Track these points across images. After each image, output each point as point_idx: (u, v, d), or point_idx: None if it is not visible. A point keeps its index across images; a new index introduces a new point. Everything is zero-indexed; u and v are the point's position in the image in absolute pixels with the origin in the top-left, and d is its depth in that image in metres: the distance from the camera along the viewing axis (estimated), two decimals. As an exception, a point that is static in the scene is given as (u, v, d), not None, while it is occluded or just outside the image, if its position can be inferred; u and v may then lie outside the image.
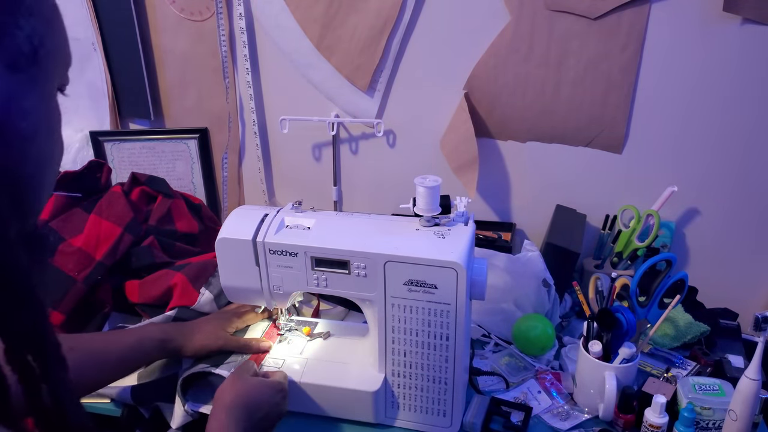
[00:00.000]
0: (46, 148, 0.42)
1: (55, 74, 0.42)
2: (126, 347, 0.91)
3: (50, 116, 0.42)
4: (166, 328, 0.98)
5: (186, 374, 0.94)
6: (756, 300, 1.31)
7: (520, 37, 1.24)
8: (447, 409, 0.94)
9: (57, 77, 0.42)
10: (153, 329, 0.97)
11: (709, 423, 0.91)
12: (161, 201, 1.23)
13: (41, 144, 0.41)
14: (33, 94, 0.39)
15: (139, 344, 0.92)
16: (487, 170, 1.36)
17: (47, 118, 0.42)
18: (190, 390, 0.97)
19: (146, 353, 0.93)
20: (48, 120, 0.42)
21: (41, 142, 0.41)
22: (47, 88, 0.41)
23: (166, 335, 0.95)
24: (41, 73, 0.40)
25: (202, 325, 0.99)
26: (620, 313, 0.97)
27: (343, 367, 0.97)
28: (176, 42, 1.41)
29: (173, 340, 0.95)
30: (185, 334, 0.96)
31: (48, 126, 0.42)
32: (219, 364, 0.95)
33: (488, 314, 1.15)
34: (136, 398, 0.98)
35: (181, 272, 1.08)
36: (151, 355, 0.94)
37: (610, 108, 1.26)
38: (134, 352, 0.91)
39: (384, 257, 0.86)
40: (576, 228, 1.29)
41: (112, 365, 0.89)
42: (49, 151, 0.42)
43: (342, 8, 1.29)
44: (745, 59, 1.16)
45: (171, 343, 0.94)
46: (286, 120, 1.40)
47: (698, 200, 1.29)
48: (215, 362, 0.95)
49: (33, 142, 0.40)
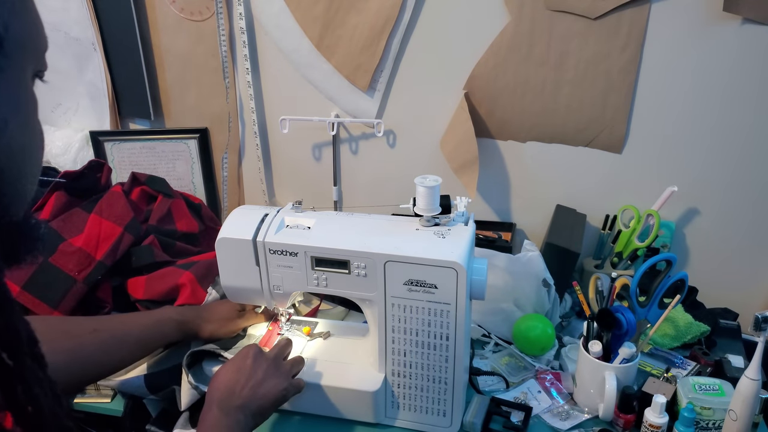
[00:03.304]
0: (21, 138, 0.40)
1: (27, 62, 0.41)
2: (144, 328, 0.93)
3: (23, 105, 0.41)
4: (183, 310, 1.00)
5: (195, 350, 0.97)
6: (756, 300, 1.31)
7: (520, 37, 1.24)
8: (447, 409, 0.94)
9: (30, 64, 0.41)
10: (170, 311, 0.99)
11: (709, 423, 0.91)
12: (161, 201, 1.23)
13: (14, 134, 0.39)
14: (2, 83, 0.38)
15: (158, 325, 0.94)
16: (487, 170, 1.36)
17: (19, 108, 0.40)
18: (197, 369, 0.98)
19: (164, 334, 0.95)
20: (20, 109, 0.40)
21: (14, 132, 0.39)
22: (19, 76, 0.40)
23: (183, 317, 0.97)
24: (10, 62, 0.39)
25: (218, 307, 1.03)
26: (620, 313, 0.97)
27: (343, 367, 0.97)
28: (176, 42, 1.41)
29: (190, 321, 0.98)
30: (202, 316, 0.99)
31: (21, 115, 0.40)
32: (228, 347, 0.99)
33: (488, 314, 1.15)
34: (151, 386, 0.98)
35: (189, 271, 1.09)
36: (168, 336, 0.96)
37: (610, 108, 1.26)
38: (152, 333, 0.94)
39: (384, 257, 0.86)
40: (576, 228, 1.29)
41: (132, 345, 0.91)
42: (26, 141, 0.41)
43: (342, 8, 1.29)
44: (744, 59, 1.16)
45: (188, 324, 0.97)
46: (286, 120, 1.40)
47: (698, 200, 1.29)
48: (224, 345, 0.99)
49: (4, 133, 0.39)
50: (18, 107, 0.40)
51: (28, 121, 0.42)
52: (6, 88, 0.39)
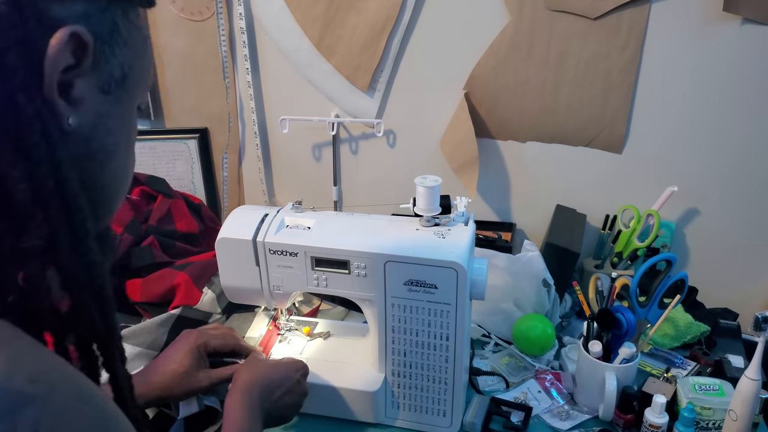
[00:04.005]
0: (123, 161, 0.47)
1: (137, 96, 0.46)
2: None
3: (130, 133, 0.47)
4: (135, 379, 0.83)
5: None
6: (756, 300, 1.31)
7: (520, 37, 1.24)
8: (447, 409, 0.94)
9: (138, 98, 0.47)
10: None
11: (709, 423, 0.91)
12: (161, 201, 1.23)
13: (120, 157, 0.46)
14: (118, 113, 0.44)
15: None
16: (487, 170, 1.36)
17: (126, 135, 0.46)
18: None
19: None
20: (128, 136, 0.47)
21: (120, 156, 0.46)
22: (129, 108, 0.46)
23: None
24: (126, 95, 0.44)
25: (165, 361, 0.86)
26: (620, 313, 0.97)
27: (343, 367, 0.97)
28: (176, 42, 1.41)
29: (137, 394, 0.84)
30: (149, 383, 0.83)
31: (126, 141, 0.47)
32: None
33: (488, 314, 1.15)
34: None
35: (184, 271, 1.08)
36: None
37: (610, 108, 1.26)
38: None
39: (384, 257, 0.86)
40: (576, 228, 1.29)
41: None
42: (128, 164, 0.48)
43: (342, 8, 1.29)
44: (744, 59, 1.16)
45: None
46: (286, 120, 1.40)
47: (698, 200, 1.29)
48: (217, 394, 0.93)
49: (113, 156, 0.45)
50: (127, 134, 0.46)
51: (131, 145, 0.48)
52: (121, 116, 0.44)
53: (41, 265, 0.39)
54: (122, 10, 0.42)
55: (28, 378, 0.34)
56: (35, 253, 0.38)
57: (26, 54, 0.36)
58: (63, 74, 0.38)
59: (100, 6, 0.40)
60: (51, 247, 0.39)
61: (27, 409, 0.33)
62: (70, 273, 0.41)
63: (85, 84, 0.41)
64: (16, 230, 0.38)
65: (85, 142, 0.42)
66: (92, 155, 0.43)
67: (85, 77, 0.40)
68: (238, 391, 0.79)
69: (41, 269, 0.39)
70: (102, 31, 0.41)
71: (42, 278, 0.39)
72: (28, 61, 0.37)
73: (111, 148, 0.44)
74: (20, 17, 0.36)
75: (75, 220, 0.40)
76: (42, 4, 0.37)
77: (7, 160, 0.36)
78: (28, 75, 0.37)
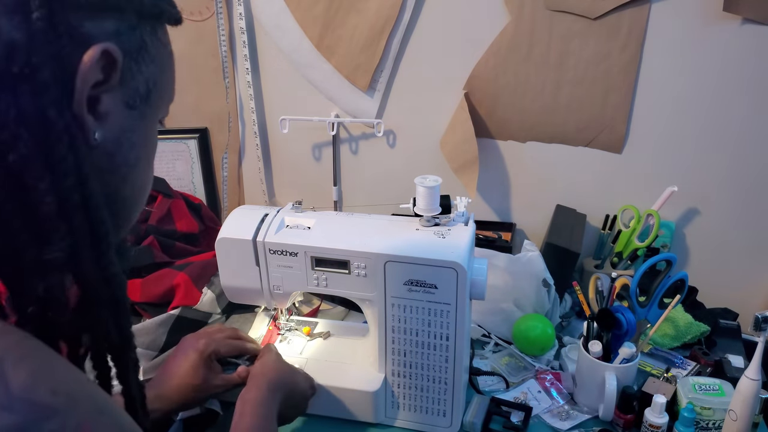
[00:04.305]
0: (144, 174, 0.48)
1: (160, 110, 0.47)
2: None
3: (151, 147, 0.48)
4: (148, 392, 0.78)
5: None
6: (756, 300, 1.31)
7: (520, 37, 1.24)
8: (447, 409, 0.94)
9: (161, 113, 0.48)
10: None
11: (709, 423, 0.91)
12: (161, 201, 1.23)
13: (141, 171, 0.47)
14: (141, 127, 0.45)
15: None
16: (487, 170, 1.36)
17: (149, 149, 0.47)
18: None
19: None
20: (149, 150, 0.48)
21: (141, 169, 0.46)
22: (152, 122, 0.47)
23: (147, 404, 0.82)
24: (150, 110, 0.46)
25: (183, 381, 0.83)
26: (620, 313, 0.97)
27: (343, 367, 0.97)
28: (176, 42, 1.40)
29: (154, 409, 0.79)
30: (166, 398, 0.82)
31: (148, 155, 0.48)
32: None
33: (488, 314, 1.15)
34: None
35: (183, 272, 1.08)
36: None
37: (610, 108, 1.26)
38: None
39: (384, 257, 0.86)
40: (576, 228, 1.29)
41: None
42: (147, 177, 0.48)
43: (342, 8, 1.28)
44: (745, 59, 1.16)
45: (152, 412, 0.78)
46: (286, 120, 1.40)
47: (698, 200, 1.29)
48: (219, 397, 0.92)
49: (135, 169, 0.46)
50: (149, 148, 0.47)
51: (151, 159, 0.49)
52: (144, 131, 0.45)
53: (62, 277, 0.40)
54: (151, 27, 0.44)
55: (51, 390, 0.34)
56: (57, 265, 0.39)
57: (59, 70, 0.37)
58: (92, 90, 0.39)
59: (130, 24, 0.41)
60: (72, 259, 0.39)
61: (50, 421, 0.33)
62: (90, 285, 0.41)
63: (112, 99, 0.41)
64: (39, 242, 0.38)
65: (109, 156, 0.42)
66: (115, 169, 0.43)
67: (111, 92, 0.41)
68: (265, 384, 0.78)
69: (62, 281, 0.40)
70: (131, 48, 0.42)
71: (62, 290, 0.40)
72: (60, 77, 0.37)
73: (133, 162, 0.45)
74: (54, 34, 0.36)
75: (98, 233, 0.40)
76: (75, 21, 0.38)
77: (36, 173, 0.37)
78: (59, 90, 0.37)
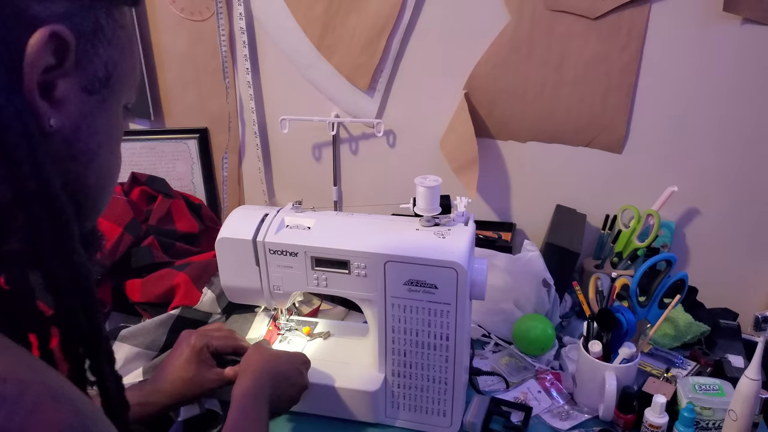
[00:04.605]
0: (108, 161, 0.46)
1: (123, 95, 0.46)
2: None
3: (115, 133, 0.46)
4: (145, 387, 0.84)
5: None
6: (756, 300, 1.31)
7: (520, 37, 1.24)
8: (447, 409, 0.94)
9: (125, 97, 0.46)
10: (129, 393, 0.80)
11: (709, 423, 0.91)
12: (161, 201, 1.23)
13: (104, 158, 0.45)
14: (102, 113, 0.43)
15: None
16: (487, 170, 1.36)
17: (112, 135, 0.46)
18: None
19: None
20: (112, 136, 0.46)
21: (104, 156, 0.45)
22: (115, 107, 0.45)
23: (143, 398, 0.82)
24: (112, 95, 0.44)
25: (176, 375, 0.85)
26: (620, 313, 0.97)
27: (343, 367, 0.97)
28: (176, 42, 1.41)
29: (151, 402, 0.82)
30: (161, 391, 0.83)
31: (111, 141, 0.46)
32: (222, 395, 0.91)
33: (488, 314, 1.15)
34: None
35: (183, 272, 1.08)
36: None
37: (610, 108, 1.26)
38: None
39: (384, 257, 0.86)
40: (576, 228, 1.29)
41: None
42: (112, 164, 0.47)
43: (342, 8, 1.28)
44: (745, 59, 1.16)
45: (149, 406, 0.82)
46: (286, 120, 1.40)
47: (698, 200, 1.29)
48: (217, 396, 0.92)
49: (98, 156, 0.44)
50: (111, 134, 0.45)
51: (116, 146, 0.47)
52: (104, 117, 0.44)
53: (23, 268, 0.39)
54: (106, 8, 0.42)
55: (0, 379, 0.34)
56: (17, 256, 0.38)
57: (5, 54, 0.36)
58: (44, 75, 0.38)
59: (82, 4, 0.40)
60: (34, 250, 0.38)
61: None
62: (55, 275, 0.40)
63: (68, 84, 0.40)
64: None
65: (67, 143, 0.41)
66: (76, 156, 0.42)
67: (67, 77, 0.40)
68: (249, 375, 0.79)
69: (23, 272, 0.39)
70: (85, 30, 0.40)
71: (25, 281, 0.39)
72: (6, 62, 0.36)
73: (95, 149, 0.43)
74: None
75: (58, 222, 0.39)
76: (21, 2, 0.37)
77: None
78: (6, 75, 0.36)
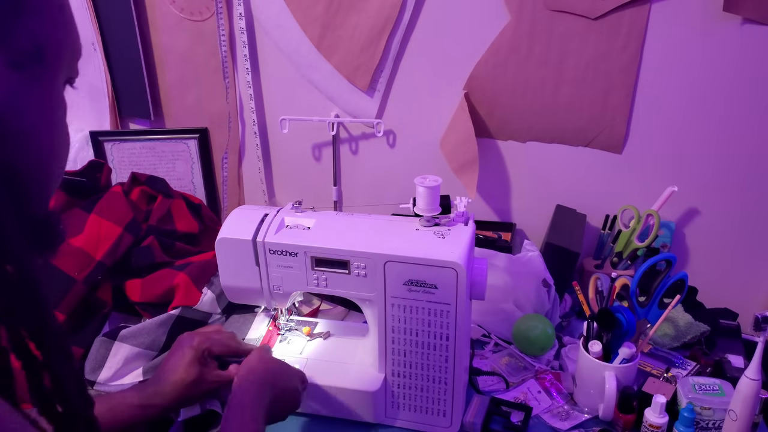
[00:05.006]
0: (49, 141, 0.43)
1: (61, 69, 0.42)
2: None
3: (53, 110, 0.43)
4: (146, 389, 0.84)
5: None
6: (756, 300, 1.31)
7: (520, 37, 1.24)
8: (447, 409, 0.94)
9: (64, 71, 0.43)
10: (130, 394, 0.82)
11: (709, 423, 0.91)
12: (161, 201, 1.23)
13: (43, 137, 0.42)
14: (36, 90, 0.40)
15: (112, 413, 0.78)
16: (487, 170, 1.36)
17: (50, 112, 0.42)
18: None
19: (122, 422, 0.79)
20: (51, 114, 0.42)
21: (43, 135, 0.42)
22: (52, 83, 0.42)
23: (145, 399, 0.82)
24: (46, 70, 0.41)
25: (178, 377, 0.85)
26: (620, 313, 0.97)
27: (343, 367, 0.97)
28: (176, 42, 1.41)
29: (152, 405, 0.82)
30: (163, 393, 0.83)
31: (51, 120, 0.43)
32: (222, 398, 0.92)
33: (488, 314, 1.15)
34: None
35: (183, 272, 1.08)
36: (128, 422, 0.80)
37: (610, 108, 1.26)
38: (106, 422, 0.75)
39: (384, 257, 0.86)
40: (576, 228, 1.29)
41: None
42: (54, 144, 0.43)
43: (342, 8, 1.29)
44: (745, 59, 1.16)
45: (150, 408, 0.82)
46: (286, 120, 1.40)
47: (698, 200, 1.29)
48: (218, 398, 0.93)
49: (33, 136, 0.41)
50: (49, 112, 0.42)
51: (57, 124, 0.44)
52: (40, 94, 0.41)
53: None
54: None
55: None
56: None
57: None
58: None
59: None
60: None
61: None
62: None
63: None
64: None
65: None
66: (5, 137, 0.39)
67: None
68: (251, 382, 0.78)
69: None
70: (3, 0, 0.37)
71: None
72: None
73: (28, 129, 0.40)
74: None
75: None
76: None
77: None
78: None
